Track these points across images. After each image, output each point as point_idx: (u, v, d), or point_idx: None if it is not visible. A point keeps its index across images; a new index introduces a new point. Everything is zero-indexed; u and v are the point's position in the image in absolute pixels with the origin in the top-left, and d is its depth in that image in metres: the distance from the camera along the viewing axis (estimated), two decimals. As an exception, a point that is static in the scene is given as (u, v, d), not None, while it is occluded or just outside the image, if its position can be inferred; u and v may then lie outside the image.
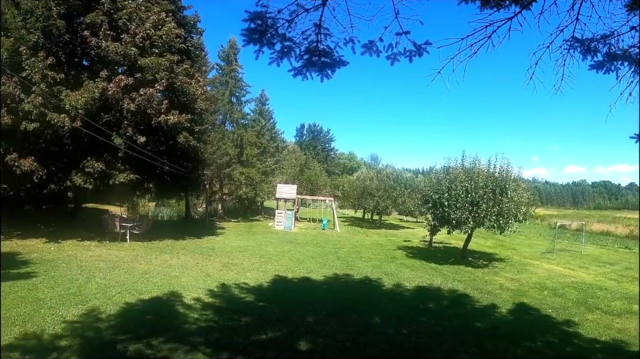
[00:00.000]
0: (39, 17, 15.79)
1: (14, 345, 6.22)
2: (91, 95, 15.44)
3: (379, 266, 15.32)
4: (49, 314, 7.66)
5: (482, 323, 9.04)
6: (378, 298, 10.83)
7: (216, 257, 15.21)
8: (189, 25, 21.59)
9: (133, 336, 6.75)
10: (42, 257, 13.41)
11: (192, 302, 8.99)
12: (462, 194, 16.40)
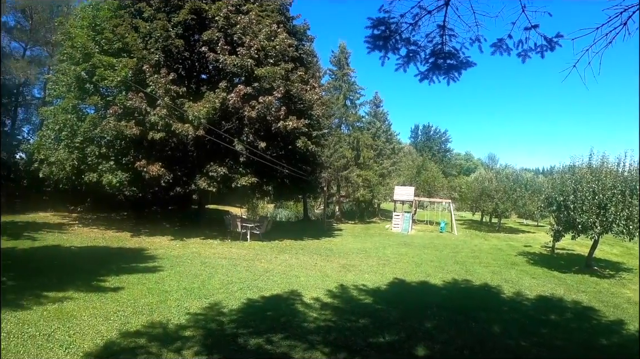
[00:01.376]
0: (157, 38, 17.22)
1: (141, 332, 6.61)
2: (212, 105, 16.38)
3: (499, 272, 14.41)
4: (174, 305, 8.06)
5: (608, 340, 8.13)
6: (497, 306, 10.15)
7: (334, 258, 15.20)
8: (299, 33, 22.10)
9: (254, 330, 6.87)
10: (168, 253, 14.31)
11: (311, 301, 9.00)
12: (589, 197, 14.72)
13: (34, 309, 7.37)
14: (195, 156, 18.46)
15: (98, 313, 7.33)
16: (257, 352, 6.08)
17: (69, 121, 18.48)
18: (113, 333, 6.49)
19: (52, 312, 7.26)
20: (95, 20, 19.66)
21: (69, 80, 19.31)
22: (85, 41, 18.56)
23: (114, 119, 16.71)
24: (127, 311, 7.51)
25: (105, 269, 10.92)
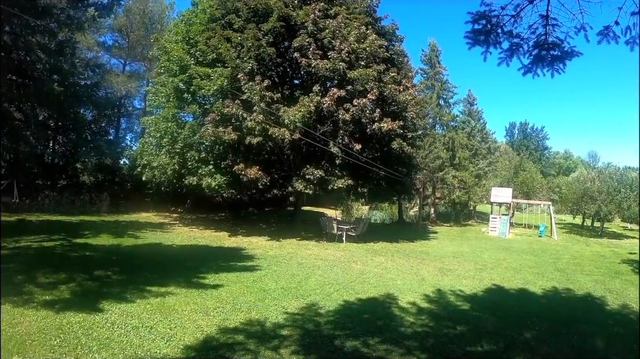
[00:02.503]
0: (249, 47, 17.64)
1: (239, 329, 6.68)
2: (307, 109, 16.56)
3: (602, 282, 13.20)
4: (272, 304, 8.10)
5: None
6: (601, 319, 9.25)
7: (430, 262, 14.77)
8: (389, 34, 21.83)
9: (350, 333, 6.75)
10: (265, 253, 14.54)
11: (407, 305, 8.74)
12: None
13: (137, 302, 7.70)
14: (291, 159, 18.77)
15: (198, 309, 7.51)
16: (353, 355, 5.94)
17: (170, 129, 19.71)
18: (212, 328, 6.61)
19: (154, 306, 7.55)
20: (188, 34, 20.91)
21: (168, 91, 20.55)
22: (180, 54, 19.67)
23: (212, 125, 17.42)
24: (227, 308, 7.63)
25: (205, 267, 11.29)
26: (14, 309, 6.87)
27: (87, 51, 30.25)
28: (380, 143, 19.28)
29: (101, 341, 5.87)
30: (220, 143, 18.18)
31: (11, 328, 6.11)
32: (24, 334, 5.89)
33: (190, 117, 20.86)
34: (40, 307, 7.07)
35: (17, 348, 5.49)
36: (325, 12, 18.74)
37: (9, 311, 6.78)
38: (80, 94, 11.66)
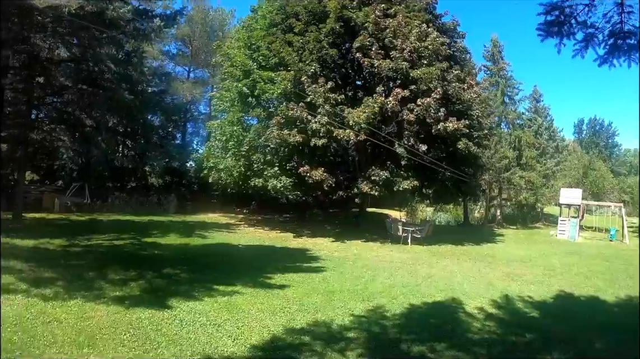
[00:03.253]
0: (311, 50, 17.82)
1: (306, 330, 6.71)
2: (372, 110, 16.52)
3: None
4: (338, 306, 8.09)
5: None
6: None
7: (497, 266, 14.32)
8: (450, 31, 21.38)
9: (416, 337, 6.65)
10: (331, 254, 14.59)
11: (474, 311, 8.50)
12: None
13: (205, 300, 7.89)
14: (356, 160, 18.78)
15: (265, 308, 7.61)
16: (420, 360, 5.85)
17: (235, 132, 20.28)
18: (279, 328, 6.67)
19: (222, 304, 7.70)
20: (249, 40, 21.43)
21: (232, 96, 21.13)
22: (243, 60, 20.18)
23: (277, 128, 17.71)
24: (293, 309, 7.70)
25: (271, 267, 11.44)
26: (86, 304, 7.19)
27: (153, 60, 31.59)
28: (446, 143, 18.93)
29: (170, 337, 6.05)
30: (285, 145, 18.41)
31: (82, 321, 6.39)
32: (95, 328, 6.14)
33: (254, 120, 21.33)
34: (111, 302, 7.38)
35: (87, 341, 5.71)
36: (384, 11, 18.57)
37: (81, 306, 7.10)
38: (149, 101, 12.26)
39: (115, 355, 5.43)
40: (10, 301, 7.11)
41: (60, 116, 12.58)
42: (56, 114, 12.78)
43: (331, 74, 18.64)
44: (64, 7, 8.01)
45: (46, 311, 6.72)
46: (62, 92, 11.68)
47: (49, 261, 10.73)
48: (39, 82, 12.01)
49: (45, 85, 12.09)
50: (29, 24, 9.71)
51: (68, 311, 6.77)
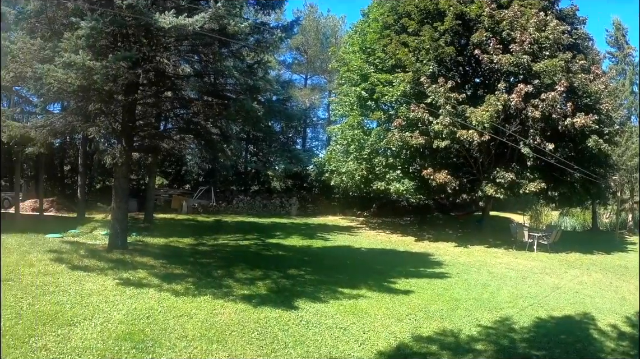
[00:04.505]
0: (428, 49, 17.38)
1: (433, 338, 6.62)
2: (494, 108, 15.80)
3: None
4: (464, 315, 7.91)
5: None
6: None
7: (630, 278, 12.86)
8: (569, 17, 19.71)
9: (547, 354, 6.31)
10: (454, 260, 14.21)
11: (607, 328, 7.80)
12: None
13: (330, 303, 8.05)
14: (480, 161, 18.11)
15: (390, 314, 7.62)
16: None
17: (356, 136, 20.44)
18: (405, 335, 6.64)
19: (347, 307, 7.80)
20: (364, 44, 21.54)
21: (351, 100, 21.34)
22: (359, 64, 20.37)
23: (397, 130, 17.54)
24: (419, 315, 7.64)
25: (395, 271, 11.42)
26: (215, 301, 7.64)
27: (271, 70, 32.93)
28: (574, 141, 17.50)
29: (296, 338, 6.21)
30: (407, 148, 18.22)
31: (212, 317, 6.79)
32: (224, 325, 6.49)
33: (374, 123, 21.39)
34: (239, 300, 7.78)
35: (217, 336, 6.05)
36: (497, 2, 17.77)
37: (210, 302, 7.56)
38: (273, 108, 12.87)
39: (244, 352, 5.70)
40: (144, 295, 7.76)
41: (188, 126, 13.57)
42: (184, 124, 13.81)
43: (450, 73, 18.05)
44: (189, 26, 8.64)
45: (177, 306, 7.22)
46: (189, 104, 12.57)
47: (178, 258, 11.61)
48: (167, 96, 13.04)
49: (173, 99, 13.09)
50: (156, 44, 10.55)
51: (198, 307, 7.24)
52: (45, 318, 6.23)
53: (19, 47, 9.34)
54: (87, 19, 8.49)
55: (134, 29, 9.69)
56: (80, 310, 6.68)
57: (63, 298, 7.20)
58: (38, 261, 9.80)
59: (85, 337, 5.70)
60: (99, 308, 6.85)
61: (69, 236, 14.26)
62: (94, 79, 8.62)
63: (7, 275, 8.32)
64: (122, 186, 12.00)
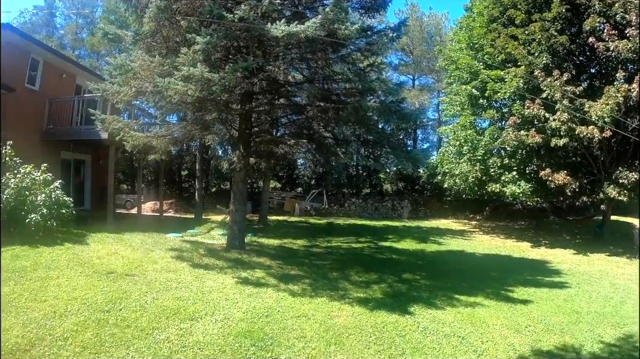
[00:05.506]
0: (539, 41, 16.29)
1: (554, 353, 6.26)
2: (615, 101, 14.35)
3: None
4: (585, 329, 7.38)
5: None
6: None
7: None
8: None
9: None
10: (573, 269, 13.21)
11: None
12: None
13: (447, 310, 7.89)
14: (602, 160, 16.64)
15: (509, 324, 7.32)
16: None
17: (469, 136, 19.69)
18: (525, 347, 6.36)
19: (464, 315, 7.61)
20: (471, 39, 20.61)
21: (462, 99, 20.59)
22: (468, 61, 19.50)
23: (512, 129, 16.66)
24: (538, 328, 7.26)
25: (511, 279, 10.94)
26: (332, 303, 7.76)
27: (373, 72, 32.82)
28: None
29: (414, 344, 6.17)
30: (522, 147, 17.20)
31: (330, 319, 6.90)
32: (341, 327, 6.58)
33: (487, 122, 20.56)
34: (355, 303, 7.83)
35: (334, 338, 6.14)
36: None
37: (326, 304, 7.68)
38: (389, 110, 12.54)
39: (361, 356, 5.74)
40: (262, 294, 8.06)
41: (301, 131, 13.94)
42: (297, 129, 14.20)
43: (564, 64, 16.72)
44: (301, 33, 8.86)
45: (295, 306, 7.42)
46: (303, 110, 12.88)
47: (293, 259, 11.96)
48: (281, 103, 13.46)
49: (286, 106, 13.49)
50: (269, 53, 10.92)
51: (315, 308, 7.39)
52: (168, 312, 6.70)
53: (139, 64, 10.14)
54: (202, 34, 9.02)
55: (247, 41, 10.14)
56: (202, 306, 7.11)
57: (185, 294, 7.71)
58: (161, 258, 10.57)
59: (206, 332, 6.06)
60: (220, 305, 7.25)
61: (188, 235, 15.32)
62: (213, 89, 9.12)
63: (132, 270, 9.06)
64: (241, 190, 12.59)
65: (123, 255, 10.39)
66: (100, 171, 19.72)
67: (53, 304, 6.63)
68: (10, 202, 10.79)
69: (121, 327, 5.98)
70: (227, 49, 10.73)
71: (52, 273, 8.30)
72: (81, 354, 5.15)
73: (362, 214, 27.85)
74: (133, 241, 12.58)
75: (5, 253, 9.34)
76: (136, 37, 11.41)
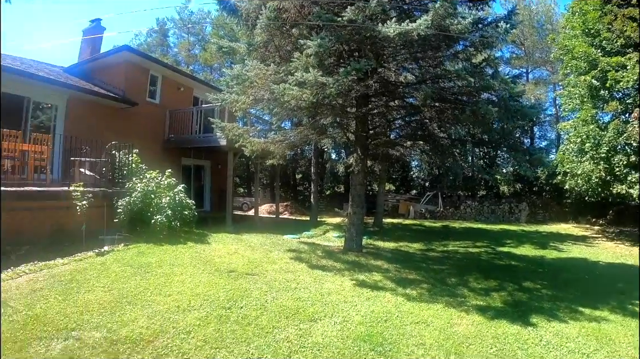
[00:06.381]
0: None
1: None
2: None
3: None
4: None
5: None
6: None
7: None
8: None
9: None
10: None
11: None
12: None
13: (570, 323, 7.29)
14: None
15: (637, 343, 6.61)
16: None
17: (591, 132, 17.88)
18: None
19: (589, 330, 6.99)
20: (585, 25, 18.78)
21: (581, 92, 18.83)
22: (584, 49, 17.86)
23: (638, 122, 15.24)
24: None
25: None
26: (450, 310, 7.47)
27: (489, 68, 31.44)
28: None
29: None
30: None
31: (449, 327, 6.64)
32: (461, 336, 6.31)
33: (609, 116, 18.59)
34: (474, 311, 7.49)
35: (454, 347, 5.90)
36: None
37: (445, 311, 7.40)
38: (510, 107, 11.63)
39: None
40: (380, 298, 7.94)
41: (415, 132, 13.71)
42: (411, 131, 13.98)
43: None
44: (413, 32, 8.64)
45: (413, 312, 7.24)
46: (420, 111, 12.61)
47: (410, 263, 11.73)
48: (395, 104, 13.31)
49: (400, 107, 13.33)
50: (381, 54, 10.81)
51: (434, 315, 7.16)
52: (287, 312, 6.82)
53: (255, 73, 10.56)
54: (314, 38, 9.14)
55: (357, 43, 10.17)
56: (321, 308, 7.16)
57: (304, 295, 7.82)
58: (279, 259, 10.85)
59: (325, 334, 6.08)
60: (338, 307, 7.26)
61: (304, 237, 15.72)
62: (327, 93, 9.23)
63: (252, 270, 9.38)
64: (359, 193, 12.65)
65: (243, 255, 10.83)
66: (219, 175, 21.17)
67: (177, 299, 7.05)
68: (137, 204, 11.91)
69: (242, 324, 6.18)
70: (338, 53, 10.87)
71: (176, 269, 8.84)
72: (202, 349, 5.39)
73: (477, 218, 26.98)
74: (252, 241, 13.10)
75: (132, 250, 10.25)
76: (249, 48, 11.89)
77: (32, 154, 11.37)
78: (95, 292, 7.12)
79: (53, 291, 7.02)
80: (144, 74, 18.04)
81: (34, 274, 7.86)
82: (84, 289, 7.19)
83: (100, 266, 8.71)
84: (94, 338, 5.44)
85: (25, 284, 7.26)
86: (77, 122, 14.84)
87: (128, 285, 7.59)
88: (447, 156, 13.43)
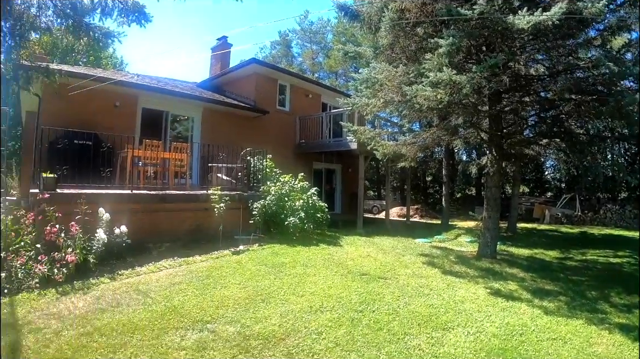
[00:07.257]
0: None
1: None
2: None
3: None
4: None
5: None
6: None
7: None
8: None
9: None
10: None
11: None
12: None
13: None
14: None
15: None
16: None
17: None
18: None
19: None
20: None
21: None
22: None
23: None
24: None
25: None
26: (590, 327, 6.79)
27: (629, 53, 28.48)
28: None
29: None
30: None
31: (588, 346, 6.05)
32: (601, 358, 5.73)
33: None
34: (615, 330, 6.74)
35: None
36: None
37: (584, 327, 6.77)
38: None
39: None
40: (516, 309, 7.44)
41: (551, 129, 12.69)
42: (546, 128, 12.95)
43: None
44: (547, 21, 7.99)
45: (550, 327, 6.72)
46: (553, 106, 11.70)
47: (546, 272, 10.90)
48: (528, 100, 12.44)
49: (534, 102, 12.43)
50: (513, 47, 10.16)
51: (573, 331, 6.58)
52: (420, 318, 6.63)
53: (385, 76, 10.53)
54: (445, 36, 8.87)
55: (488, 37, 9.70)
56: (454, 316, 6.89)
57: (437, 302, 7.57)
58: (412, 263, 10.66)
59: (457, 344, 5.83)
60: (472, 316, 6.94)
61: (436, 241, 15.35)
62: (463, 92, 8.92)
63: (385, 273, 9.29)
64: (494, 195, 12.15)
65: (375, 258, 10.79)
66: (349, 178, 21.50)
67: (309, 299, 7.17)
68: (271, 206, 12.57)
69: (373, 328, 6.12)
70: (468, 49, 10.46)
71: (309, 270, 9.04)
72: (333, 350, 5.40)
73: (619, 223, 24.46)
74: (383, 244, 13.05)
75: (266, 250, 10.72)
76: (376, 51, 11.89)
77: (173, 161, 12.61)
78: (230, 288, 7.52)
79: (191, 285, 7.55)
80: (272, 84, 18.94)
81: (173, 269, 8.56)
82: (220, 285, 7.65)
83: (236, 264, 9.21)
84: (228, 332, 5.73)
85: (164, 278, 7.90)
86: (212, 132, 16.08)
87: (262, 283, 7.91)
88: (586, 154, 12.29)
